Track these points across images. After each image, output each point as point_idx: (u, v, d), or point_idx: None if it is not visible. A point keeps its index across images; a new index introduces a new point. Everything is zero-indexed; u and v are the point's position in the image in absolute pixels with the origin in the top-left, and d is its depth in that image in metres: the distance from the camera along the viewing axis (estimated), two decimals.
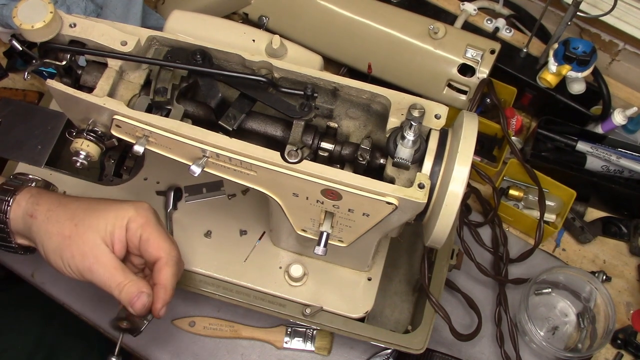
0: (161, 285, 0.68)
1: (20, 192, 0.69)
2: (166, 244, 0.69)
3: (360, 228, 0.68)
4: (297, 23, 1.03)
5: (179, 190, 0.88)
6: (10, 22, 0.97)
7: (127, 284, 0.66)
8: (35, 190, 0.71)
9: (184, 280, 0.83)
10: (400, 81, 1.01)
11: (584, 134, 0.99)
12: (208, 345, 0.89)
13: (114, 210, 0.68)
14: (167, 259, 0.68)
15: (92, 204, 0.70)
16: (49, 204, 0.69)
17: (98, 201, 0.70)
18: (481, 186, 1.02)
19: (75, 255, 0.66)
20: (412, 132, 0.60)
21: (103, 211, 0.68)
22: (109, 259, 0.67)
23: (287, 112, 0.63)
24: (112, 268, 0.66)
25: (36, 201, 0.69)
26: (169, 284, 0.68)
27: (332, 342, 0.90)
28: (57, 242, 0.67)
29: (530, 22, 1.09)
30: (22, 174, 0.78)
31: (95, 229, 0.67)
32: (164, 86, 0.65)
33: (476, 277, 0.96)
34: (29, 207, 0.68)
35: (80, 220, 0.67)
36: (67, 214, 0.68)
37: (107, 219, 0.67)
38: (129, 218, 0.68)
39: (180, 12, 0.93)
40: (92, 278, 0.66)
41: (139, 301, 0.66)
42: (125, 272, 0.67)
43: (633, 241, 0.99)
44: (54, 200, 0.69)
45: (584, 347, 0.92)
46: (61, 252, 0.67)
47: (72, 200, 0.70)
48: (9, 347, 0.91)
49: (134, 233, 0.68)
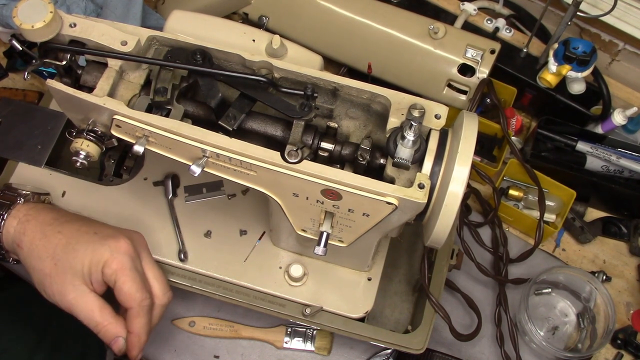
0: (134, 334, 0.69)
1: (9, 216, 0.71)
2: (138, 293, 0.68)
3: (360, 228, 0.68)
4: (297, 23, 1.03)
5: (176, 178, 0.88)
6: (10, 22, 0.97)
7: (105, 326, 0.68)
8: (23, 213, 0.72)
9: (184, 280, 0.83)
10: (400, 81, 1.01)
11: (584, 134, 0.99)
12: (208, 345, 0.89)
13: (91, 252, 0.68)
14: (138, 310, 0.68)
15: (72, 239, 0.70)
16: (33, 235, 0.70)
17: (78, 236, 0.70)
18: (481, 186, 1.02)
19: (55, 293, 0.68)
20: (412, 132, 0.60)
21: (81, 251, 0.68)
22: (87, 299, 0.68)
23: (287, 112, 0.63)
24: (89, 310, 0.68)
25: (22, 229, 0.70)
26: (141, 333, 0.69)
27: (332, 342, 0.90)
28: (39, 278, 0.69)
29: (530, 22, 1.09)
30: (10, 189, 0.79)
31: (73, 270, 0.68)
32: (164, 86, 0.65)
33: (476, 277, 0.96)
34: (16, 236, 0.70)
35: (59, 260, 0.68)
36: (48, 250, 0.69)
37: (84, 261, 0.68)
38: (104, 263, 0.68)
39: (180, 12, 0.93)
40: (76, 314, 0.68)
41: (116, 345, 0.68)
42: (103, 313, 0.68)
43: (633, 241, 0.99)
44: (37, 230, 0.70)
45: (584, 347, 0.92)
46: (43, 287, 0.69)
47: (55, 232, 0.70)
48: (9, 347, 0.91)
49: (109, 279, 0.68)
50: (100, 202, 0.87)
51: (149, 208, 0.87)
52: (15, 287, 1.01)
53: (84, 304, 0.68)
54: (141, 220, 0.85)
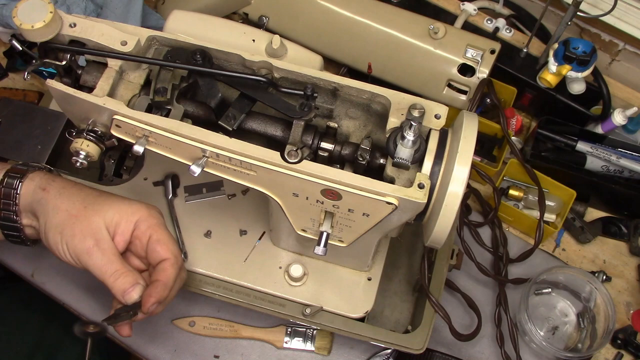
0: (162, 282, 0.68)
1: (34, 172, 0.71)
2: (175, 248, 0.70)
3: (360, 228, 0.68)
4: (297, 23, 1.03)
5: (176, 178, 0.89)
6: (10, 22, 0.97)
7: (124, 273, 0.67)
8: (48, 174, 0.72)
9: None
10: (400, 81, 1.01)
11: (584, 134, 0.98)
12: (208, 345, 0.89)
13: (126, 205, 0.69)
14: (174, 261, 0.69)
15: (106, 193, 0.71)
16: (64, 183, 0.70)
17: (112, 194, 0.71)
18: (481, 186, 1.02)
19: (77, 234, 0.66)
20: (412, 132, 0.60)
21: (115, 202, 0.69)
22: (109, 245, 0.67)
23: (287, 112, 0.63)
24: (110, 254, 0.67)
25: (51, 178, 0.70)
26: (170, 282, 0.68)
27: (332, 342, 0.90)
28: (62, 219, 0.67)
29: (530, 22, 1.09)
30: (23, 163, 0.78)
31: (103, 215, 0.67)
32: (164, 86, 0.65)
33: (476, 277, 0.96)
34: (42, 182, 0.69)
35: (90, 204, 0.68)
36: (80, 195, 0.69)
37: (118, 209, 0.68)
38: (140, 217, 0.69)
39: (180, 12, 0.93)
40: (88, 262, 0.66)
41: (134, 291, 0.67)
42: (123, 262, 0.68)
43: (633, 241, 0.99)
44: (68, 181, 0.71)
45: (584, 347, 0.92)
46: (63, 228, 0.67)
47: (85, 187, 0.71)
48: (8, 347, 0.91)
49: (144, 232, 0.69)
50: None
51: None
52: (15, 287, 1.01)
53: (106, 248, 0.67)
54: None
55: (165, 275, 0.68)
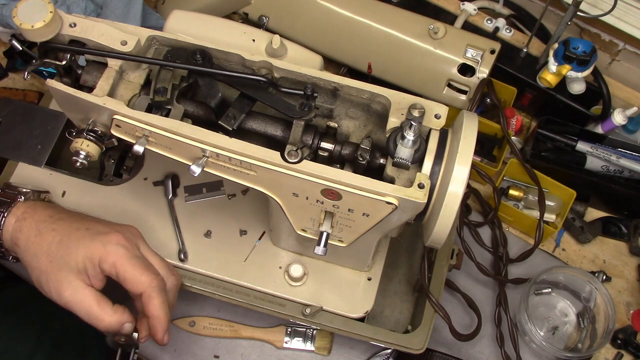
0: (153, 318, 0.68)
1: (9, 214, 0.71)
2: (144, 276, 0.68)
3: (360, 228, 0.68)
4: (297, 23, 1.03)
5: (176, 178, 0.88)
6: (10, 22, 0.97)
7: (104, 317, 0.67)
8: (21, 211, 0.72)
9: (184, 280, 0.83)
10: (400, 81, 1.01)
11: (584, 134, 0.98)
12: (208, 345, 0.89)
13: (84, 248, 0.68)
14: (150, 292, 0.68)
15: (65, 237, 0.69)
16: (29, 233, 0.70)
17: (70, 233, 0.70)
18: (481, 186, 1.02)
19: (52, 290, 0.68)
20: (412, 132, 0.60)
21: (73, 248, 0.68)
22: (84, 294, 0.67)
23: (287, 112, 0.63)
24: (87, 305, 0.67)
25: (19, 227, 0.70)
26: (160, 314, 0.68)
27: (332, 342, 0.90)
28: (36, 275, 0.69)
29: (530, 22, 1.09)
30: (10, 187, 0.80)
31: (68, 266, 0.67)
32: (164, 86, 0.65)
33: (476, 277, 0.96)
34: (14, 234, 0.70)
35: (54, 258, 0.68)
36: (43, 247, 0.69)
37: (77, 258, 0.68)
38: (99, 258, 0.68)
39: (180, 12, 0.93)
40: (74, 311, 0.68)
41: (124, 331, 0.68)
42: (101, 306, 0.67)
43: (633, 241, 0.99)
44: (33, 228, 0.70)
45: (584, 347, 0.92)
46: (40, 284, 0.69)
47: (49, 229, 0.70)
48: (8, 348, 0.91)
49: (109, 272, 0.68)
50: (100, 202, 0.87)
51: (149, 208, 0.87)
52: (15, 287, 1.01)
53: (81, 298, 0.67)
54: (141, 220, 0.85)
55: (150, 309, 0.68)
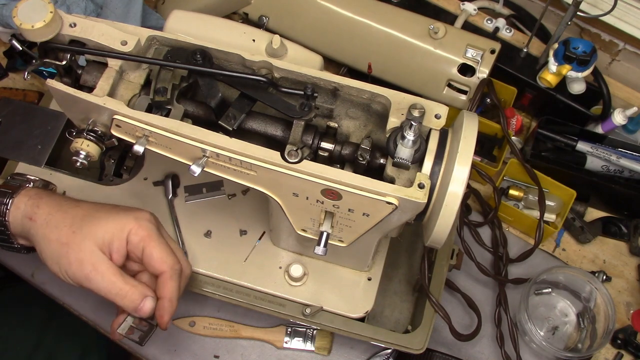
0: (167, 299, 0.68)
1: (18, 195, 0.69)
2: (169, 257, 0.68)
3: (360, 228, 0.68)
4: (297, 23, 1.03)
5: (176, 178, 0.88)
6: (10, 22, 0.97)
7: (129, 291, 0.66)
8: (34, 192, 0.70)
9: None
10: (400, 81, 1.01)
11: (584, 134, 0.98)
12: (208, 345, 0.89)
13: (114, 220, 0.67)
14: (171, 273, 0.68)
15: (92, 211, 0.69)
16: (49, 208, 0.68)
17: (98, 208, 0.69)
18: (481, 186, 1.02)
19: (72, 262, 0.65)
20: (412, 132, 0.60)
21: (103, 220, 0.67)
22: (107, 267, 0.66)
23: (287, 112, 0.63)
24: (111, 276, 0.65)
25: (36, 204, 0.68)
26: (174, 297, 0.68)
27: (332, 342, 0.90)
28: (55, 249, 0.66)
29: (530, 22, 1.09)
30: (19, 175, 0.78)
31: (93, 237, 0.66)
32: (164, 86, 0.65)
33: (476, 277, 0.96)
34: (28, 210, 0.68)
35: (78, 228, 0.66)
36: (66, 220, 0.67)
37: (106, 228, 0.67)
38: (130, 230, 0.67)
39: (180, 12, 0.93)
40: (91, 286, 0.66)
41: (145, 306, 0.66)
42: (125, 279, 0.66)
43: (633, 241, 0.99)
44: (54, 204, 0.69)
45: (584, 347, 0.92)
46: (58, 259, 0.66)
47: (72, 206, 0.69)
48: (8, 348, 0.91)
49: (136, 246, 0.68)
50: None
51: (149, 208, 0.85)
52: (15, 287, 1.01)
53: (105, 271, 0.65)
54: None
55: (166, 290, 0.68)
